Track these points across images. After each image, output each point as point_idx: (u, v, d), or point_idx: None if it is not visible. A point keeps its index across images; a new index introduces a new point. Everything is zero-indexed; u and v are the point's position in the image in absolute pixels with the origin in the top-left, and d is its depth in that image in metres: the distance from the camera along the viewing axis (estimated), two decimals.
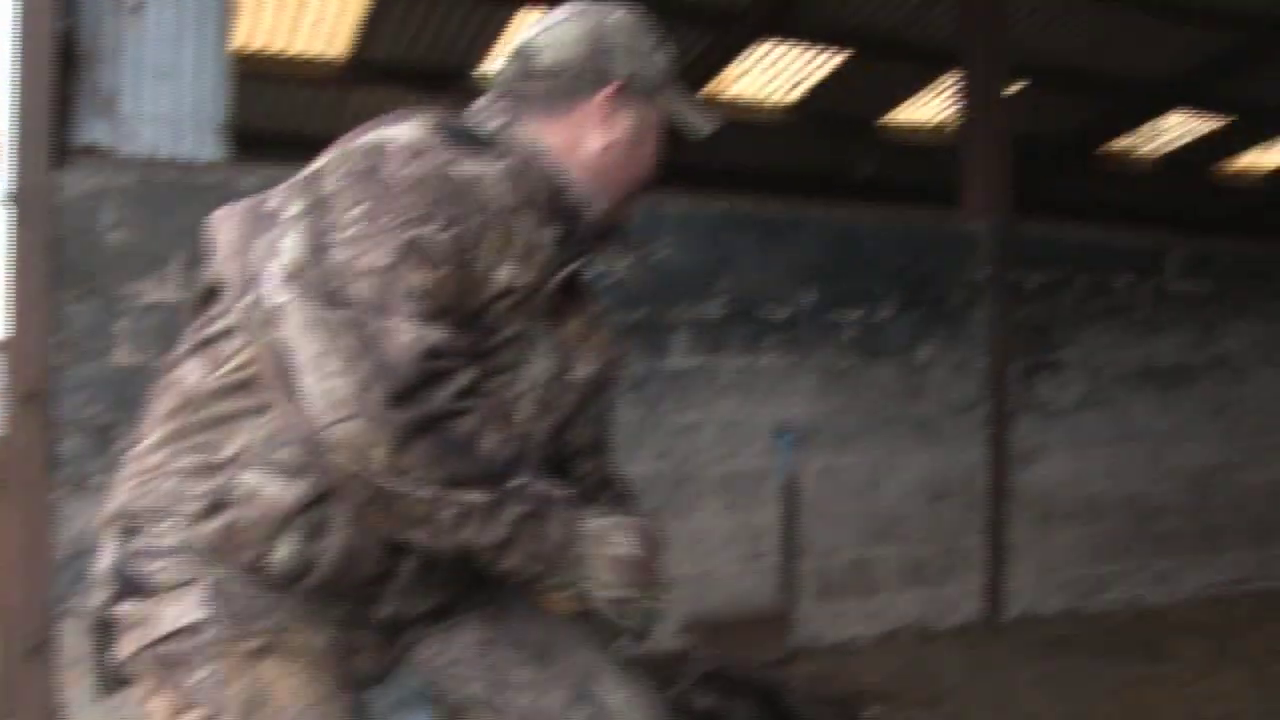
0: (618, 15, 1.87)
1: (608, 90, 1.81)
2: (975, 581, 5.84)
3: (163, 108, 4.33)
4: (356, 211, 1.53)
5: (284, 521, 1.57)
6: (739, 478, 5.17)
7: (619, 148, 1.83)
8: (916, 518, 5.65)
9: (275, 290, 1.50)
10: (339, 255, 1.50)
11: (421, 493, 1.47)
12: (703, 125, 1.92)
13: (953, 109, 9.81)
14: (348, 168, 1.59)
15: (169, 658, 1.58)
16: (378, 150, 1.60)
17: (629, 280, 4.80)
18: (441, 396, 1.48)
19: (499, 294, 1.63)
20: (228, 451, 1.59)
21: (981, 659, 5.33)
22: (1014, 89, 8.17)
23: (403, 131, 1.63)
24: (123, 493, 1.67)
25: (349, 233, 1.51)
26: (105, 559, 1.66)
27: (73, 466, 3.98)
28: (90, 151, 4.15)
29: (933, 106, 10.66)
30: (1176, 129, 11.79)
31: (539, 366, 1.74)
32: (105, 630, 1.65)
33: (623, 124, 1.83)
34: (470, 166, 1.63)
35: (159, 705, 1.60)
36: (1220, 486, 6.77)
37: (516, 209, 1.67)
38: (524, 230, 1.68)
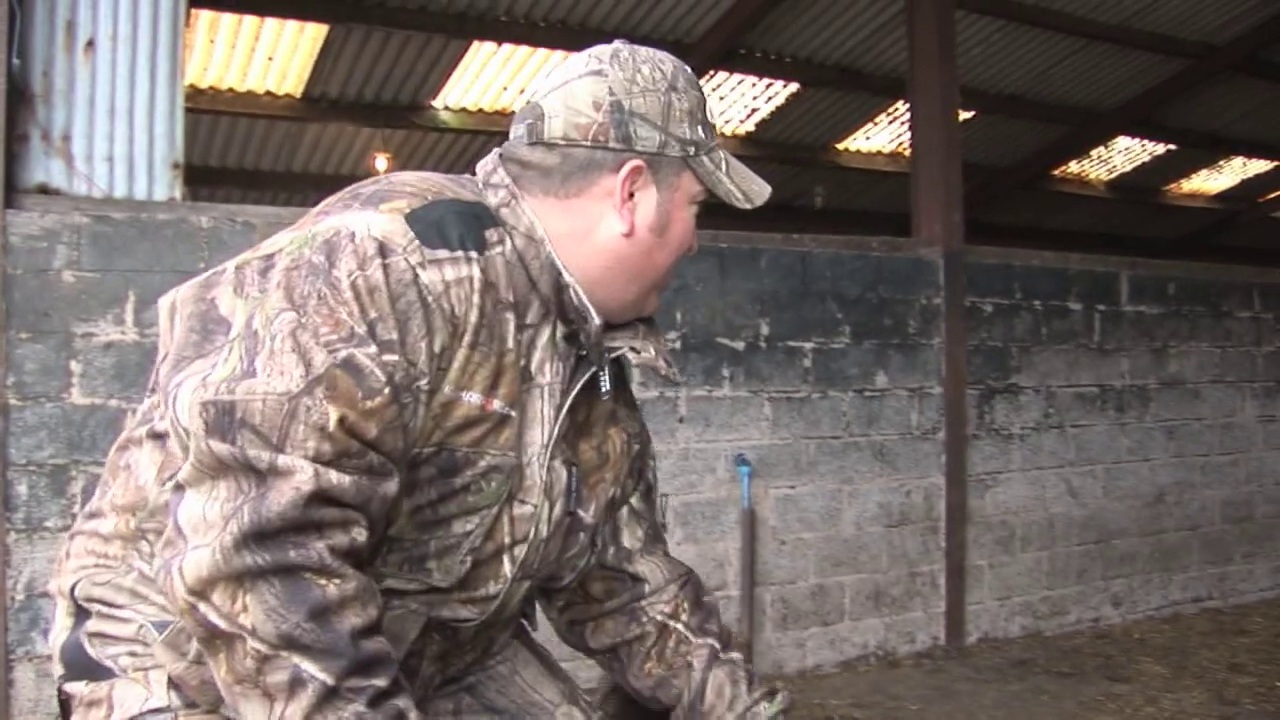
0: (646, 72, 1.57)
1: (628, 169, 1.54)
2: (936, 606, 5.87)
3: (116, 146, 4.32)
4: (287, 320, 1.33)
5: None
6: (698, 507, 5.18)
7: (641, 235, 1.57)
8: (876, 544, 5.67)
9: (185, 411, 1.32)
10: (258, 369, 1.31)
11: (255, 643, 1.26)
12: (754, 194, 1.64)
13: (904, 137, 9.92)
14: (299, 258, 1.38)
15: None
16: (335, 242, 1.39)
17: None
18: (314, 549, 1.28)
19: (470, 420, 1.45)
20: None
21: (943, 683, 5.34)
22: (965, 117, 8.29)
23: (370, 222, 1.41)
24: (78, 569, 1.56)
25: (273, 344, 1.32)
26: (59, 634, 1.56)
27: (27, 509, 3.94)
28: (42, 191, 4.13)
29: (885, 135, 10.77)
30: (1124, 154, 11.97)
31: (528, 513, 1.54)
32: (63, 705, 1.56)
33: (646, 207, 1.57)
34: (443, 273, 1.41)
35: None
36: (1175, 506, 6.85)
37: (503, 314, 1.48)
38: (510, 340, 1.48)
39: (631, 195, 1.55)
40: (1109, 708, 4.94)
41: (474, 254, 1.45)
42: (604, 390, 1.63)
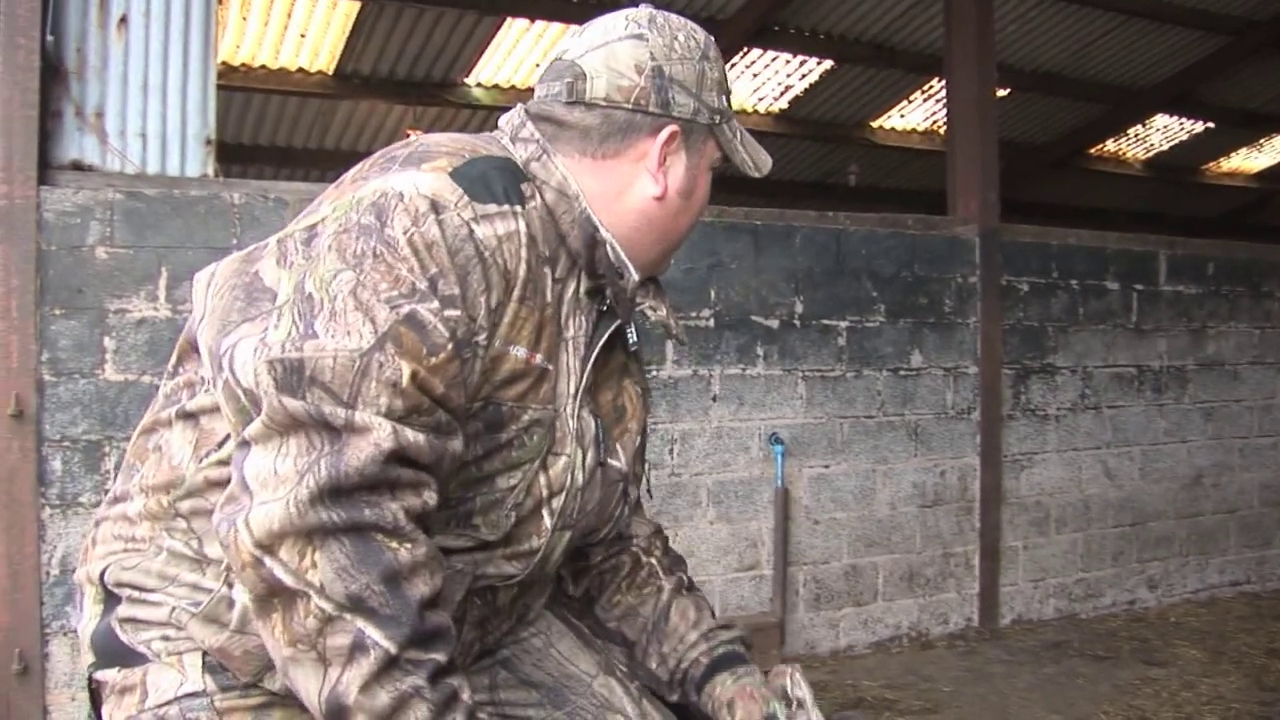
0: (683, 39, 1.60)
1: (666, 134, 1.57)
2: (970, 587, 5.83)
3: (149, 123, 4.32)
4: (346, 280, 1.32)
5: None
6: (732, 486, 5.16)
7: (671, 198, 1.60)
8: (910, 524, 5.64)
9: (247, 371, 1.30)
10: (319, 332, 1.30)
11: (320, 602, 1.24)
12: (762, 163, 1.71)
13: (940, 115, 9.84)
14: (346, 222, 1.37)
15: None
16: (384, 203, 1.37)
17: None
18: (389, 510, 1.27)
19: (516, 374, 1.45)
20: (214, 552, 1.44)
21: (977, 665, 5.31)
22: (1001, 94, 8.20)
23: (416, 181, 1.39)
24: (106, 555, 1.54)
25: (334, 305, 1.31)
26: (88, 622, 1.54)
27: (61, 485, 3.96)
28: (76, 167, 4.14)
29: (920, 113, 10.68)
30: (1162, 132, 11.82)
31: (563, 464, 1.54)
32: (94, 694, 1.54)
33: (677, 171, 1.60)
34: (494, 227, 1.41)
35: None
36: (1213, 489, 6.78)
37: (543, 267, 1.48)
38: (549, 294, 1.49)
39: (664, 159, 1.57)
40: (1145, 692, 4.89)
41: (519, 207, 1.46)
42: (633, 343, 1.67)
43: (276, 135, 9.74)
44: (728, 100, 1.66)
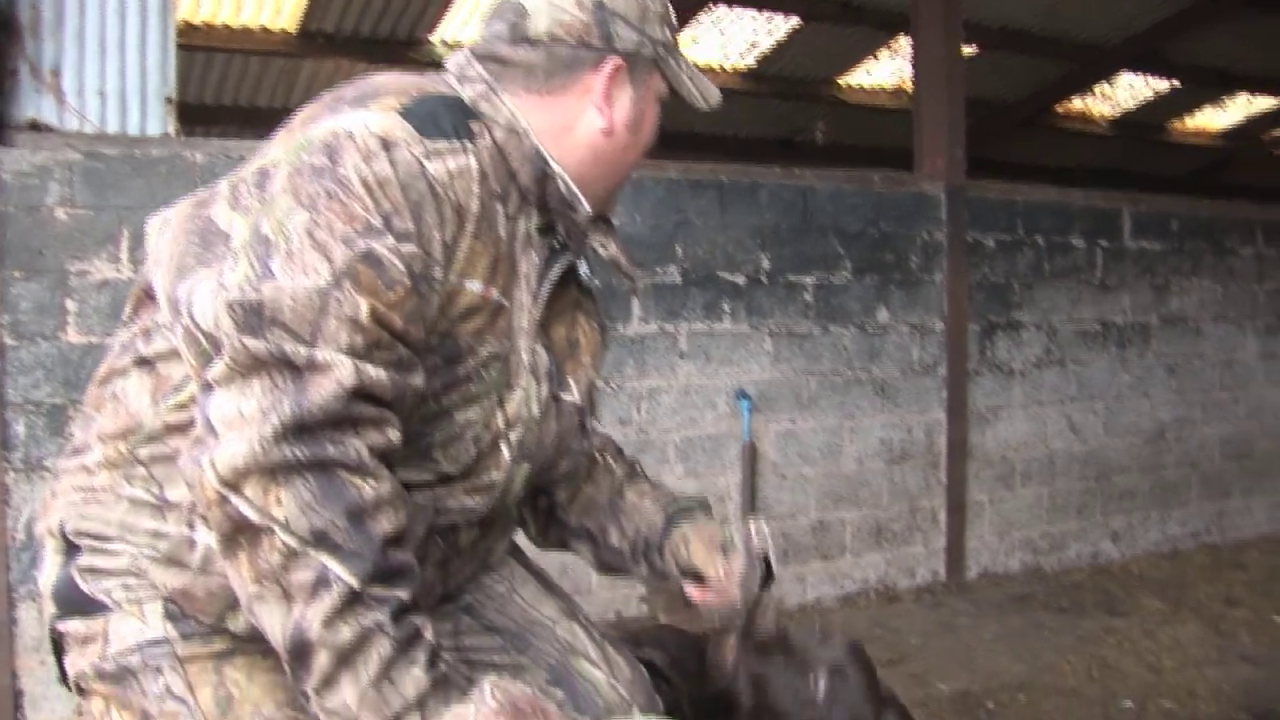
0: None
1: (611, 68, 1.58)
2: (936, 541, 5.88)
3: (107, 81, 4.27)
4: (300, 220, 1.33)
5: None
6: (699, 442, 5.18)
7: (619, 132, 1.61)
8: (877, 480, 5.68)
9: (206, 315, 1.31)
10: (277, 272, 1.31)
11: (285, 537, 1.25)
12: (710, 96, 1.70)
13: (907, 72, 9.83)
14: (299, 164, 1.38)
15: (127, 671, 1.46)
16: (335, 143, 1.38)
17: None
18: (352, 447, 1.28)
19: (473, 309, 1.47)
20: (176, 495, 1.45)
21: (943, 618, 5.37)
22: (968, 52, 8.19)
23: (366, 120, 1.40)
24: (66, 506, 1.53)
25: (290, 246, 1.32)
26: (49, 574, 1.54)
27: (26, 449, 3.93)
28: (34, 127, 4.09)
29: (887, 70, 10.66)
30: (1129, 90, 11.85)
31: (519, 397, 1.56)
32: (56, 644, 1.54)
33: (623, 104, 1.60)
34: (446, 163, 1.43)
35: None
36: (1175, 443, 6.86)
37: (495, 203, 1.50)
38: (503, 229, 1.51)
39: (609, 93, 1.59)
40: (1107, 641, 4.96)
41: (469, 144, 1.47)
42: (586, 275, 1.70)
43: (239, 95, 9.64)
44: (672, 33, 1.66)
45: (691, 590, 1.75)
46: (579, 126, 1.58)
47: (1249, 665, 4.69)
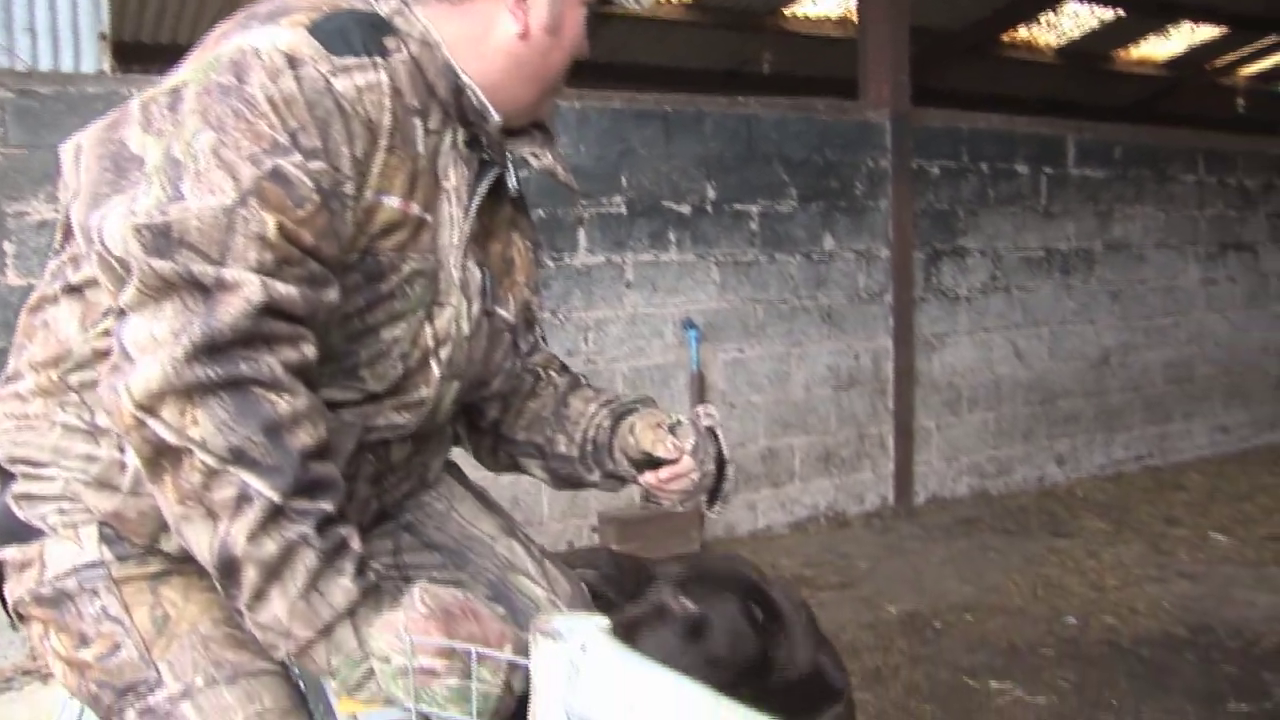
0: None
1: None
2: (884, 467, 5.95)
3: (36, 18, 4.18)
4: (207, 140, 1.31)
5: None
6: (647, 372, 5.19)
7: (536, 36, 1.56)
8: (825, 407, 5.72)
9: (116, 241, 1.28)
10: (185, 193, 1.29)
11: (203, 456, 1.24)
12: None
13: (853, 1, 9.77)
14: (207, 83, 1.35)
15: (63, 595, 1.45)
16: (242, 61, 1.36)
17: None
18: (265, 363, 1.27)
19: (392, 225, 1.45)
20: (107, 420, 1.42)
21: (892, 542, 5.44)
22: None
23: (274, 37, 1.38)
24: (0, 434, 1.52)
25: (198, 166, 1.30)
26: None
27: None
28: None
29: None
30: (1073, 19, 11.87)
31: (448, 314, 1.54)
32: None
33: (539, 7, 1.55)
34: (354, 79, 1.40)
35: (57, 645, 1.46)
36: (1119, 368, 6.95)
37: (411, 118, 1.47)
38: (422, 145, 1.48)
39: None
40: (1052, 561, 5.06)
41: (379, 59, 1.44)
42: (513, 187, 1.65)
43: (178, 33, 9.45)
44: None
45: (647, 477, 1.74)
46: (494, 33, 1.54)
47: (1187, 581, 4.80)
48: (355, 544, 1.33)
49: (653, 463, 1.70)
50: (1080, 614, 4.39)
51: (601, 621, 1.01)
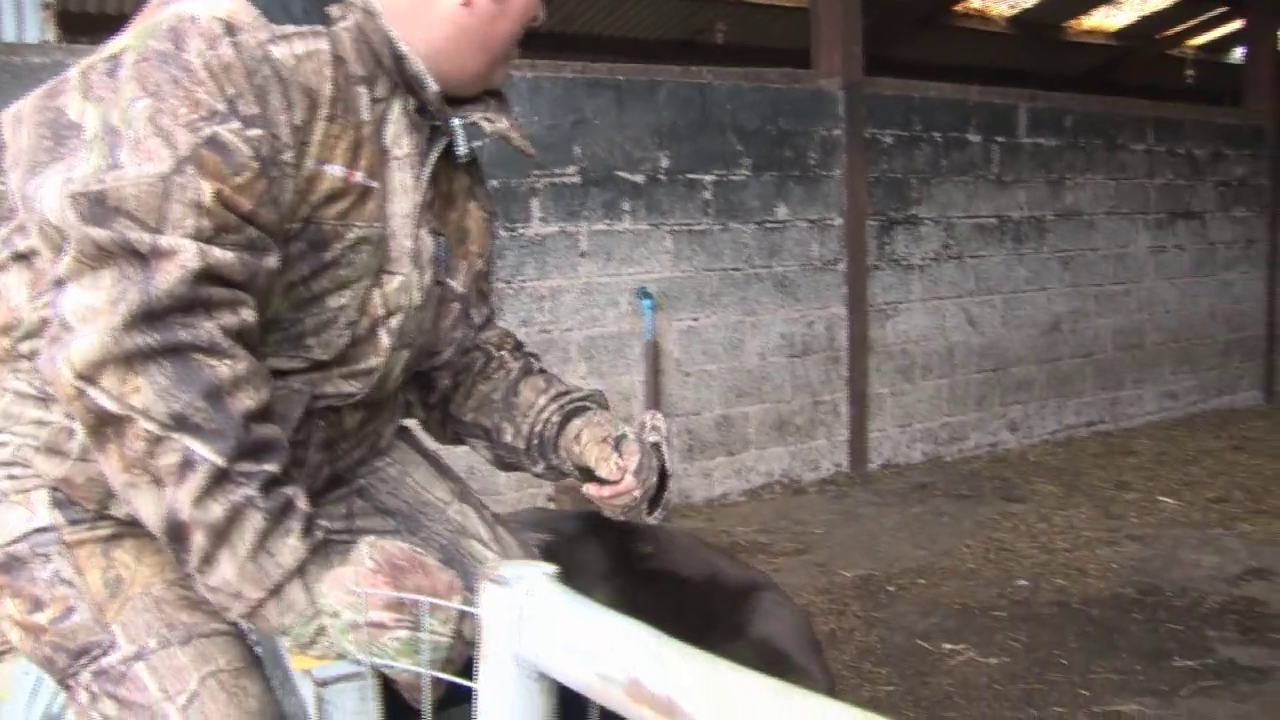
0: None
1: None
2: (839, 434, 5.99)
3: None
4: (145, 107, 1.30)
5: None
6: (602, 341, 5.19)
7: (481, 4, 1.55)
8: (779, 374, 5.75)
9: (54, 209, 1.28)
10: (123, 161, 1.28)
11: (146, 424, 1.25)
12: None
13: None
14: (145, 50, 1.34)
15: (15, 560, 1.46)
16: (180, 28, 1.35)
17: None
18: (204, 329, 1.27)
19: (335, 193, 1.44)
20: None
21: (847, 508, 5.49)
22: None
23: (212, 5, 1.37)
24: None
25: (135, 133, 1.30)
26: None
27: None
28: None
29: None
30: None
31: (398, 283, 1.54)
32: None
33: None
34: (293, 47, 1.40)
35: (12, 610, 1.46)
36: (1070, 334, 7.03)
37: (355, 87, 1.46)
38: (367, 112, 1.47)
39: None
40: (1004, 525, 5.12)
41: (320, 28, 1.44)
42: (462, 152, 1.63)
43: (124, 2, 9.33)
44: None
45: (589, 488, 1.75)
46: (437, 1, 1.53)
47: (1137, 543, 4.88)
48: (302, 503, 1.34)
49: (594, 472, 1.72)
50: (1031, 576, 4.46)
51: (548, 567, 1.02)
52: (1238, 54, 9.21)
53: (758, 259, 5.63)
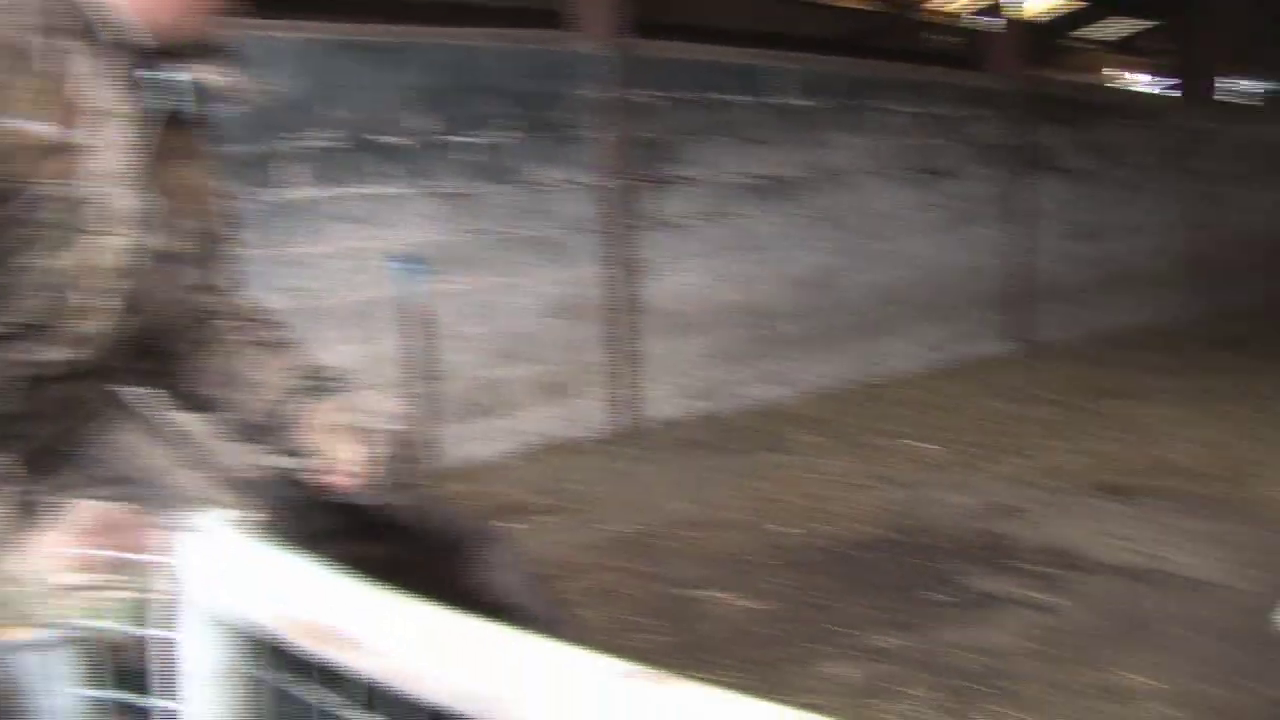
0: None
1: None
2: (609, 394, 6.02)
3: None
4: None
5: None
6: (363, 307, 5.08)
7: None
8: (549, 335, 5.74)
9: None
10: None
11: None
12: None
13: None
14: None
15: None
16: None
17: (241, 112, 4.56)
18: None
19: (25, 148, 1.38)
20: None
21: (620, 467, 5.53)
22: None
23: None
24: None
25: None
26: None
27: None
28: None
29: None
30: None
31: (110, 243, 1.48)
32: None
33: None
34: None
35: None
36: (833, 290, 7.23)
37: (55, 38, 1.40)
38: (72, 66, 1.42)
39: None
40: (773, 477, 5.26)
41: None
42: (180, 111, 1.57)
43: None
44: None
45: (321, 474, 1.72)
46: None
47: (898, 488, 5.09)
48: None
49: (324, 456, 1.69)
50: (798, 524, 4.59)
51: (242, 514, 1.00)
52: (984, 20, 9.63)
53: (522, 221, 5.60)
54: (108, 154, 1.45)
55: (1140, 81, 17.21)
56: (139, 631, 1.17)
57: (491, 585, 1.70)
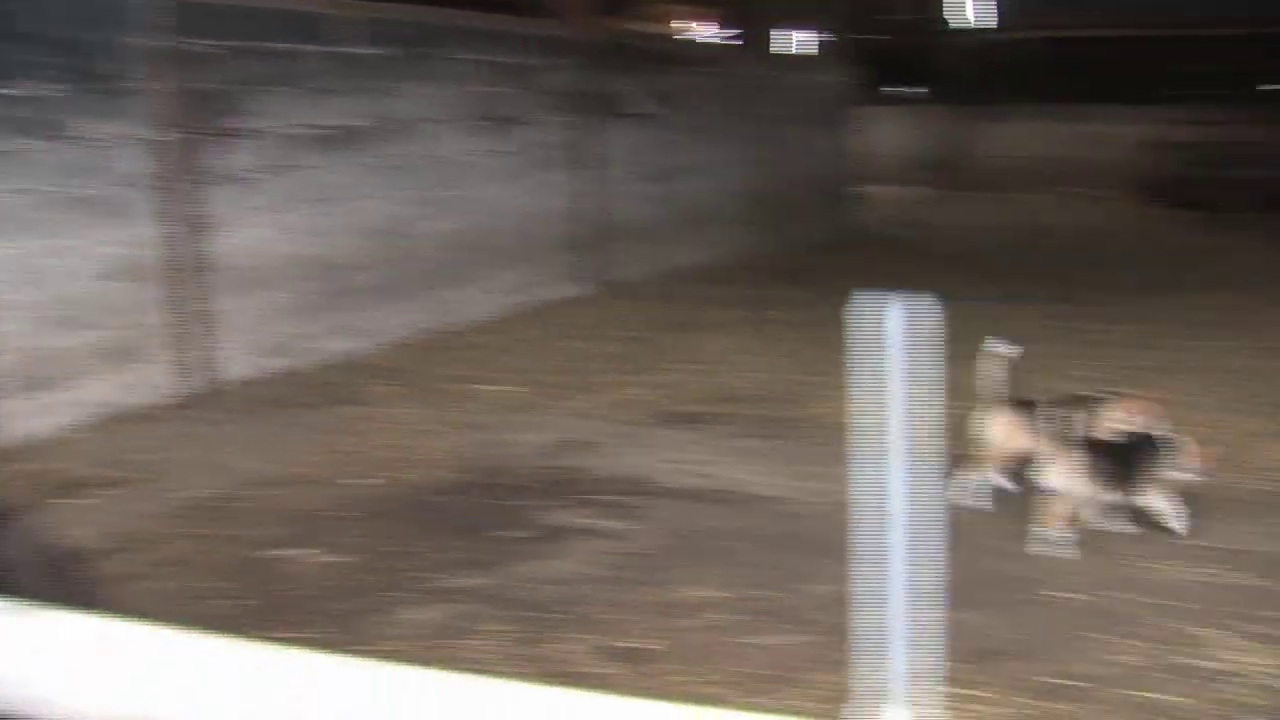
0: None
1: None
2: (179, 356, 5.76)
3: None
4: None
5: None
6: None
7: None
8: (108, 299, 5.43)
9: None
10: None
11: None
12: None
13: None
14: None
15: None
16: None
17: None
18: None
19: None
20: None
21: (193, 431, 5.35)
22: None
23: None
24: None
25: None
26: None
27: None
28: None
29: None
30: None
31: None
32: None
33: None
34: None
35: None
36: (404, 240, 7.24)
37: None
38: None
39: None
40: (353, 430, 5.28)
41: None
42: None
43: None
44: None
45: None
46: None
47: (475, 431, 5.23)
48: None
49: None
50: (377, 475, 4.64)
51: None
52: None
53: (70, 179, 5.24)
54: None
55: (707, 32, 18.01)
56: None
57: None
